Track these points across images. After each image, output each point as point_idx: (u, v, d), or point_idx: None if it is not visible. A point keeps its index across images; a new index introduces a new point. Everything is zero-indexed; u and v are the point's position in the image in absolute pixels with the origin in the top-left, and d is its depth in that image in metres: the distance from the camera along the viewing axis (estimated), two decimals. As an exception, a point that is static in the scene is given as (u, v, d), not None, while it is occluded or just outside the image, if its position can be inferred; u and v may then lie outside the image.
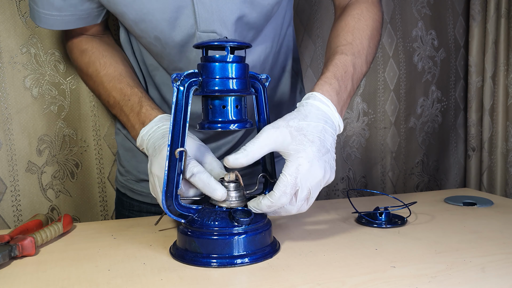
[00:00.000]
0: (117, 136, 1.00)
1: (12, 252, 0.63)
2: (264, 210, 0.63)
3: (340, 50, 0.75)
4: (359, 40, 0.77)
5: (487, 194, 1.01)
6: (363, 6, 0.82)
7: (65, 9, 0.83)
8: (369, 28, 0.79)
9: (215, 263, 0.60)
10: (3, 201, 1.05)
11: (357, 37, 0.77)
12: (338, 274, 0.57)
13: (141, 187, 0.96)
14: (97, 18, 0.87)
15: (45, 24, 0.85)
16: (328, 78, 0.71)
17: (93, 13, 0.86)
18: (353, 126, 1.45)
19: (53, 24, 0.85)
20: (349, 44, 0.76)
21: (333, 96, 0.69)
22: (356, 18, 0.80)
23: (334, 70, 0.72)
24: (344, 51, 0.75)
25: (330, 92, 0.69)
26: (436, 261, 0.61)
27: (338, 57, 0.74)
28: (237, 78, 0.63)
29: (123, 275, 0.58)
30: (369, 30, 0.79)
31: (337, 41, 0.77)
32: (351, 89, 0.73)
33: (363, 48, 0.77)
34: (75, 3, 0.83)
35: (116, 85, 0.83)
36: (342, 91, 0.71)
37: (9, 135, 1.04)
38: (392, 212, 0.82)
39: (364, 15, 0.81)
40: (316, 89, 0.70)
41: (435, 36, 1.51)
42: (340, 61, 0.73)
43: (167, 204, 0.63)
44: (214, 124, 0.64)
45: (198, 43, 0.64)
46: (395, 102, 1.50)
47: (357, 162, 1.48)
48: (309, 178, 0.62)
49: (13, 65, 1.03)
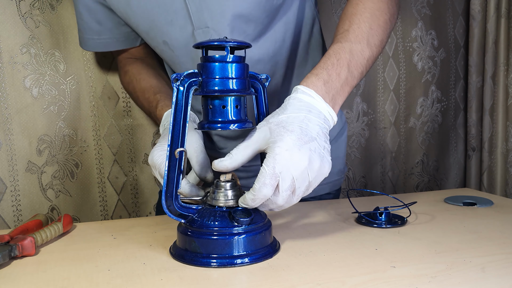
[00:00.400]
0: None
1: (12, 252, 0.63)
2: (250, 204, 0.62)
3: (336, 39, 0.74)
4: (357, 25, 0.75)
5: (487, 194, 1.01)
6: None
7: (103, 32, 0.95)
8: (368, 10, 0.76)
9: (215, 263, 0.60)
10: (3, 201, 1.05)
11: (354, 22, 0.75)
12: (338, 274, 0.57)
13: None
14: (135, 41, 0.99)
15: (87, 47, 0.99)
16: (316, 69, 0.70)
17: (131, 36, 0.97)
18: (352, 126, 1.46)
19: (94, 47, 0.98)
20: (345, 31, 0.74)
21: (319, 86, 0.67)
22: (354, 3, 0.78)
23: (324, 61, 0.70)
24: (339, 40, 0.73)
25: (315, 82, 0.67)
26: (436, 261, 0.61)
27: (332, 46, 0.73)
28: (237, 78, 0.63)
29: (123, 275, 0.58)
30: (367, 13, 0.76)
31: (336, 32, 0.76)
32: (347, 76, 0.70)
33: (362, 32, 0.74)
34: (111, 27, 0.95)
35: (145, 96, 0.93)
36: (333, 80, 0.69)
37: (9, 135, 1.04)
38: (392, 212, 0.82)
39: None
40: (301, 83, 0.69)
41: (435, 36, 1.51)
42: (332, 51, 0.72)
43: (167, 204, 0.63)
44: (214, 124, 0.64)
45: (197, 43, 0.64)
46: (395, 102, 1.50)
47: (357, 162, 1.48)
48: (290, 167, 0.60)
49: (13, 65, 1.03)
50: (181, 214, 0.64)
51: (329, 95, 0.68)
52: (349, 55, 0.71)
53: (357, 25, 0.75)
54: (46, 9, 1.05)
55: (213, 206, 0.65)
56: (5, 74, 1.02)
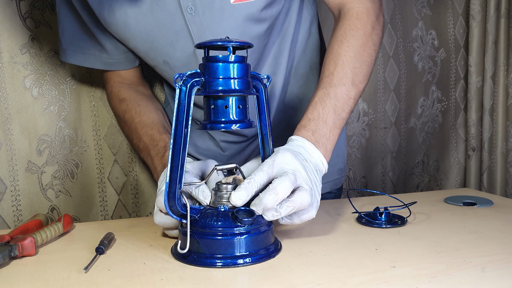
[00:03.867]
0: None
1: (12, 252, 0.63)
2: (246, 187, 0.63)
3: (322, 84, 0.79)
4: (341, 67, 0.78)
5: (487, 194, 1.01)
6: (346, 25, 0.82)
7: (102, 51, 0.94)
8: (352, 48, 0.80)
9: (219, 263, 0.60)
10: (3, 201, 1.05)
11: (338, 64, 0.79)
12: (338, 274, 0.57)
13: None
14: (134, 62, 0.98)
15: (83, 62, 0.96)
16: (304, 120, 0.75)
17: (130, 57, 0.96)
18: (353, 126, 1.46)
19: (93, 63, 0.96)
20: (330, 74, 0.78)
21: (309, 136, 0.73)
22: (339, 40, 0.81)
23: (311, 111, 0.76)
24: (324, 85, 0.78)
25: (304, 133, 0.73)
26: (436, 261, 0.61)
27: (318, 93, 0.77)
28: (240, 78, 0.63)
29: (123, 275, 0.58)
30: (351, 51, 0.79)
31: (322, 73, 0.81)
32: (335, 120, 0.76)
33: (346, 74, 0.78)
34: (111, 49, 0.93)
35: (148, 131, 0.89)
36: (319, 128, 0.74)
37: (9, 135, 1.04)
38: (392, 212, 0.82)
39: (346, 35, 0.81)
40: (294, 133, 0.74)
41: (435, 36, 1.51)
42: (319, 99, 0.77)
43: (169, 205, 0.63)
44: (217, 124, 0.64)
45: (199, 43, 0.64)
46: (395, 102, 1.50)
47: (357, 162, 1.48)
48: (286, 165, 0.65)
49: (13, 65, 1.03)
50: (183, 214, 0.64)
51: (320, 143, 0.73)
52: (334, 100, 0.76)
53: (341, 67, 0.78)
54: (46, 9, 1.05)
55: (214, 207, 0.65)
56: (5, 74, 1.02)
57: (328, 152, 0.74)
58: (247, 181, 0.63)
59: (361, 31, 0.81)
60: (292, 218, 0.66)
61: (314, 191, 0.67)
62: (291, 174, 0.63)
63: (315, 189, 0.67)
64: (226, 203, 0.64)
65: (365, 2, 0.83)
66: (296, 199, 0.63)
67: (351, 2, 0.83)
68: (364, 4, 0.83)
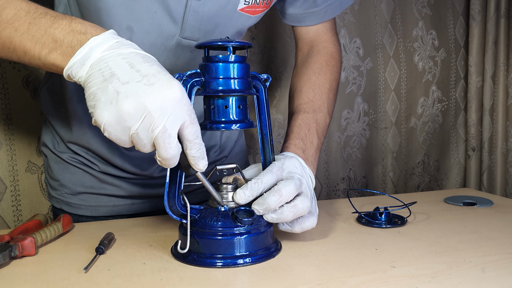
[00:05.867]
0: (44, 148, 0.91)
1: (12, 252, 0.63)
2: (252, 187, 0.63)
3: (302, 108, 0.82)
4: (319, 96, 0.84)
5: (487, 194, 1.01)
6: (322, 60, 0.88)
7: None
8: (328, 81, 0.86)
9: (219, 263, 0.60)
10: (3, 201, 1.05)
11: (317, 93, 0.84)
12: (338, 274, 0.57)
13: (78, 200, 0.89)
14: None
15: None
16: (293, 139, 0.77)
17: None
18: (353, 126, 1.46)
19: None
20: (310, 101, 0.83)
21: (300, 153, 0.75)
22: (317, 73, 0.87)
23: (298, 131, 0.79)
24: (306, 110, 0.82)
25: (295, 150, 0.75)
26: (436, 261, 0.61)
27: (301, 116, 0.81)
28: (240, 78, 0.63)
29: (123, 275, 0.58)
30: (328, 84, 0.86)
31: (300, 98, 0.84)
32: (318, 143, 0.80)
33: (323, 102, 0.84)
34: None
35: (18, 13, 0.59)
36: (308, 147, 0.77)
37: (9, 135, 1.04)
38: (392, 212, 0.82)
39: (323, 69, 0.87)
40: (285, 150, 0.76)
41: (435, 36, 1.51)
42: (303, 121, 0.80)
43: (169, 205, 0.63)
44: (217, 124, 0.64)
45: (200, 43, 0.64)
46: (396, 102, 1.50)
47: (357, 162, 1.48)
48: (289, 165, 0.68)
49: (13, 65, 1.03)
50: (183, 214, 0.64)
51: (308, 161, 0.75)
52: (315, 124, 0.81)
53: (320, 95, 0.84)
54: (46, 9, 1.04)
55: (214, 207, 0.65)
56: (5, 74, 1.02)
57: (314, 171, 0.76)
58: (254, 181, 0.63)
59: (335, 68, 0.89)
60: (293, 226, 0.67)
61: (314, 200, 0.69)
62: (297, 179, 0.65)
63: (314, 198, 0.70)
64: (226, 203, 0.64)
65: (336, 44, 0.92)
66: (298, 204, 0.64)
67: (326, 42, 0.91)
68: (335, 46, 0.92)
